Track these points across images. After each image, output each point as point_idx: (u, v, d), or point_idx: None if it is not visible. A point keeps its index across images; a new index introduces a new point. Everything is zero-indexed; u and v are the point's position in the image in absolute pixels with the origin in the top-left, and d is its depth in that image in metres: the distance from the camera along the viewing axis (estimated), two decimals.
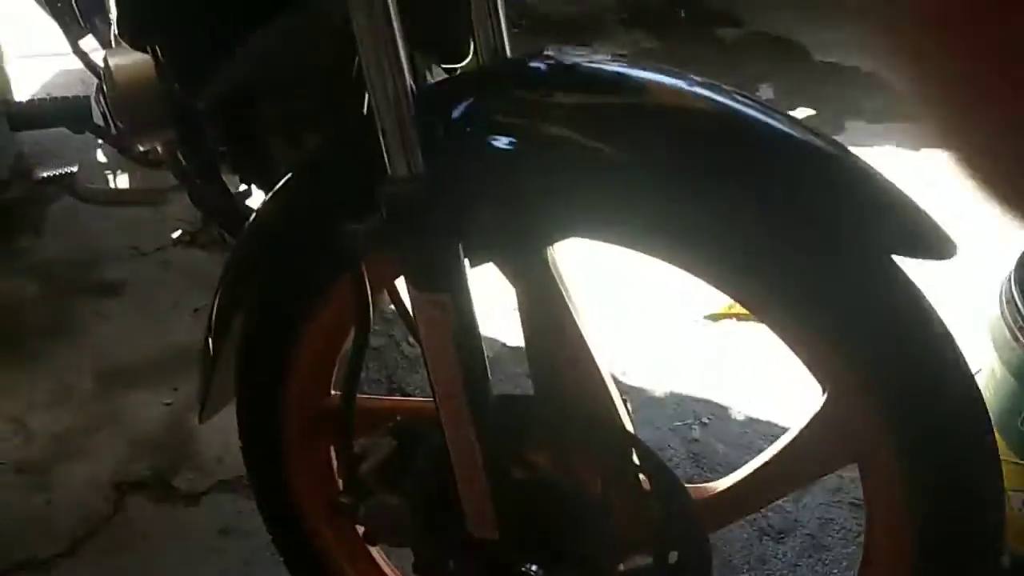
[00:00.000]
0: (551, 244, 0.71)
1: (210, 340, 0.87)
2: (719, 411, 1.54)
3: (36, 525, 1.31)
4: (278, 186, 0.80)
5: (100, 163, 2.05)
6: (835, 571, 1.27)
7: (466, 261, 0.67)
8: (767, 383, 1.58)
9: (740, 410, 1.55)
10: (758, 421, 1.52)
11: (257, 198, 1.24)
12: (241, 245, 0.83)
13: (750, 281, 0.66)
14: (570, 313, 0.75)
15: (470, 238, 0.65)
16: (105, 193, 1.62)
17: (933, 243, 0.61)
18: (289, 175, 0.80)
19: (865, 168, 0.63)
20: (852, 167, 0.63)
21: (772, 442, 0.78)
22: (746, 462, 0.83)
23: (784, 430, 1.49)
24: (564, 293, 0.75)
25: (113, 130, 1.45)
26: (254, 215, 0.83)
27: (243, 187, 1.25)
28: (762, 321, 0.68)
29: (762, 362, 1.63)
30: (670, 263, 0.68)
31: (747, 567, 1.28)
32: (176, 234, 1.95)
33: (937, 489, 0.67)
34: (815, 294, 0.64)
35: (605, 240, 0.69)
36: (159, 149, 1.38)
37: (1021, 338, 1.05)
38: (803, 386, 1.58)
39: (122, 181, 1.94)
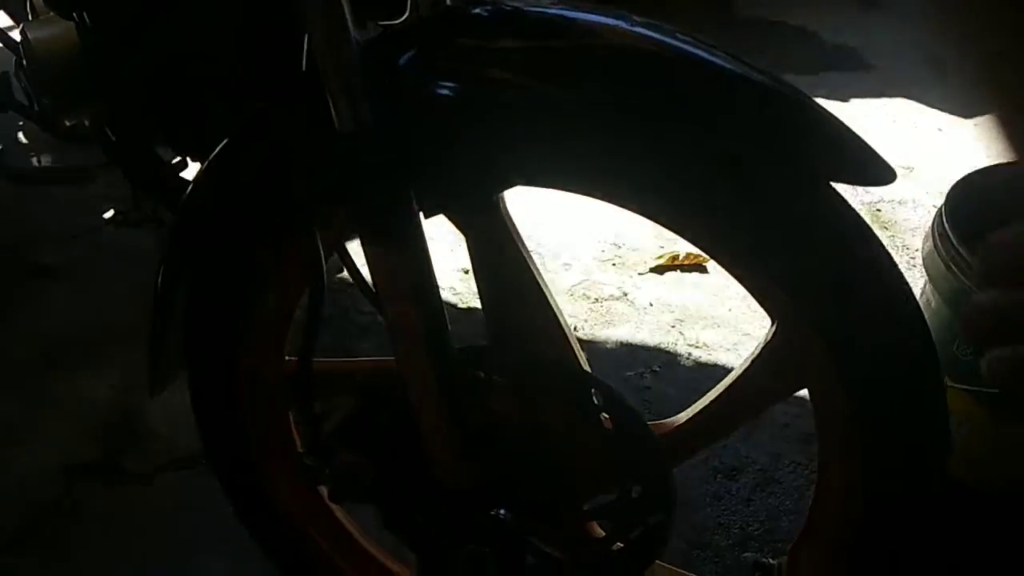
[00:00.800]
0: (501, 191, 0.71)
1: (157, 313, 0.85)
2: (669, 359, 1.58)
3: None
4: (216, 152, 0.78)
5: (24, 144, 1.96)
6: (787, 503, 1.32)
7: (419, 213, 0.67)
8: (713, 330, 1.63)
9: (689, 356, 1.58)
10: (707, 366, 1.56)
11: (193, 169, 1.20)
12: (182, 215, 0.81)
13: (697, 218, 0.67)
14: (524, 259, 0.76)
15: (422, 189, 0.65)
16: (34, 172, 1.56)
17: (871, 169, 0.63)
18: (227, 140, 0.78)
19: (803, 99, 0.64)
20: (790, 99, 0.64)
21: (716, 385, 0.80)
22: None
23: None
24: (516, 240, 0.75)
25: (36, 107, 1.39)
26: (193, 183, 0.81)
27: (177, 159, 1.21)
28: (711, 256, 0.70)
29: (707, 310, 1.67)
30: (618, 205, 0.69)
31: (703, 505, 1.32)
32: (109, 213, 1.89)
33: (885, 411, 0.70)
34: (759, 226, 0.66)
35: (553, 185, 0.70)
36: (86, 124, 1.33)
37: (954, 268, 1.09)
38: (749, 329, 1.63)
39: (49, 160, 1.87)
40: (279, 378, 0.92)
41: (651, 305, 1.69)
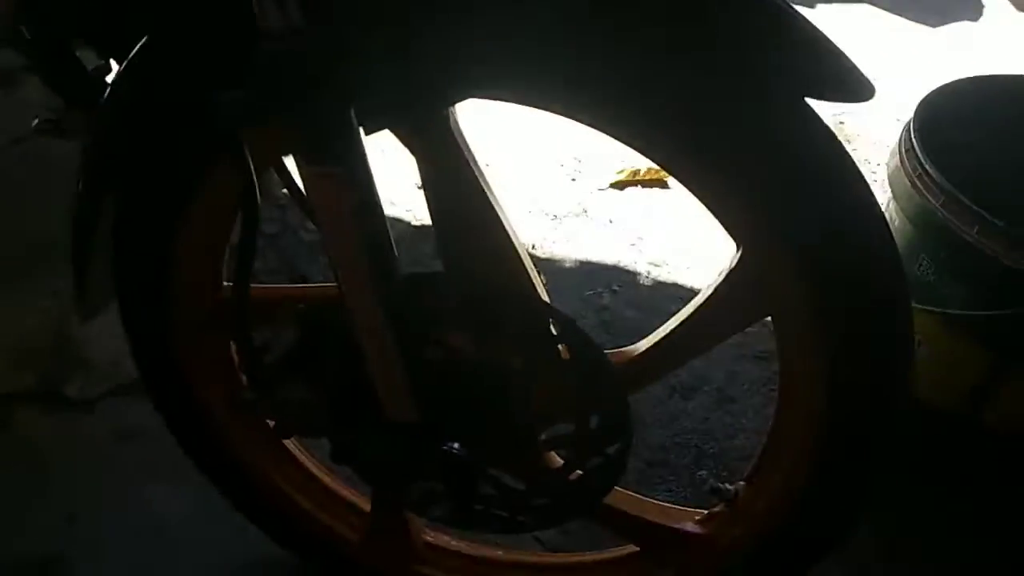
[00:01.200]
0: (451, 104, 0.65)
1: (76, 233, 0.78)
2: (628, 278, 1.55)
3: None
4: (132, 54, 0.71)
5: None
6: (743, 420, 1.33)
7: (360, 129, 0.60)
8: (673, 248, 1.60)
9: (649, 275, 1.56)
10: (667, 285, 1.54)
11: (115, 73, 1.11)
12: (98, 125, 0.73)
13: (661, 133, 0.62)
14: (476, 179, 0.70)
15: (362, 100, 0.59)
16: None
17: (849, 84, 0.59)
18: (144, 40, 0.70)
19: (779, 8, 0.59)
20: (765, 7, 0.59)
21: (681, 305, 0.77)
22: (657, 326, 0.83)
23: (692, 292, 1.51)
24: (468, 158, 0.70)
25: None
26: (108, 90, 0.73)
27: (100, 63, 1.12)
28: (674, 176, 0.65)
29: (668, 228, 1.63)
30: (576, 119, 0.64)
31: (659, 424, 1.32)
32: (35, 122, 1.76)
33: (850, 335, 0.67)
34: (727, 143, 0.61)
35: (506, 97, 0.64)
36: None
37: (919, 186, 1.07)
38: (709, 248, 1.60)
39: None
40: (217, 307, 0.86)
41: (610, 223, 1.65)
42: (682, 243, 1.60)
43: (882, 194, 1.18)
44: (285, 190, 1.59)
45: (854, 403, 0.72)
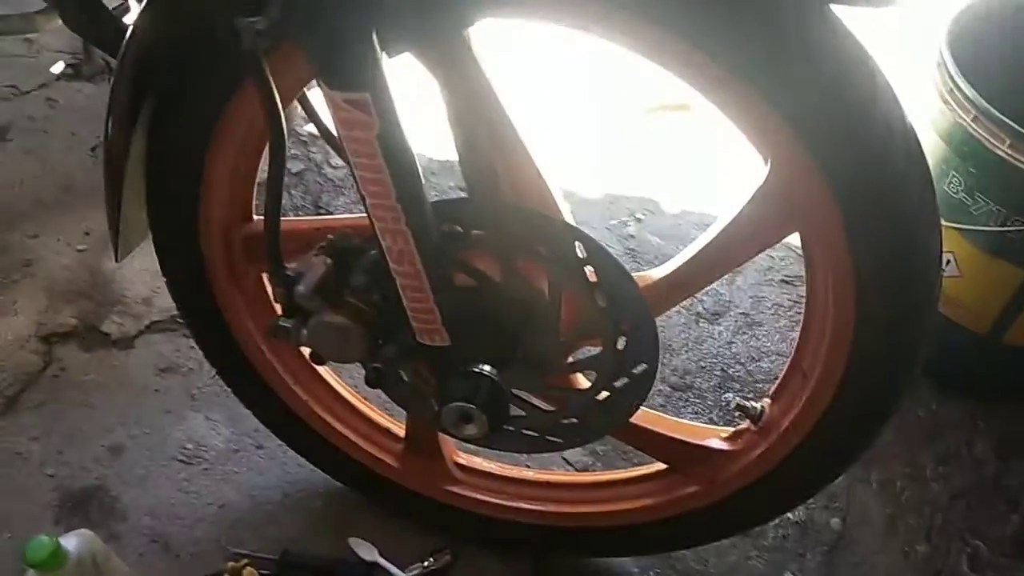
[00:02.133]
0: (471, 24, 0.65)
1: (108, 173, 0.79)
2: (652, 206, 1.54)
3: None
4: None
5: None
6: (768, 344, 1.33)
7: (382, 54, 0.60)
8: (698, 176, 1.58)
9: (673, 204, 1.55)
10: (691, 213, 1.53)
11: (136, 12, 1.11)
12: (124, 63, 0.73)
13: (689, 49, 0.61)
14: (499, 103, 0.70)
15: (383, 23, 0.58)
16: None
17: None
18: None
19: None
20: None
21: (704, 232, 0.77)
22: None
23: (716, 219, 1.51)
24: (490, 82, 0.69)
25: None
26: (132, 27, 0.73)
27: (119, 1, 1.11)
28: (701, 91, 0.65)
29: (692, 157, 1.62)
30: (598, 35, 0.63)
31: (685, 349, 1.33)
32: (57, 67, 1.77)
33: (882, 248, 0.67)
34: (754, 54, 0.60)
35: (528, 17, 0.63)
36: None
37: (950, 101, 1.04)
38: (732, 177, 1.59)
39: None
40: (248, 239, 0.88)
41: (635, 151, 1.63)
42: (706, 172, 1.59)
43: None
44: (308, 127, 1.60)
45: (880, 319, 0.72)
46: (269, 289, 0.94)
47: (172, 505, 1.14)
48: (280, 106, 0.66)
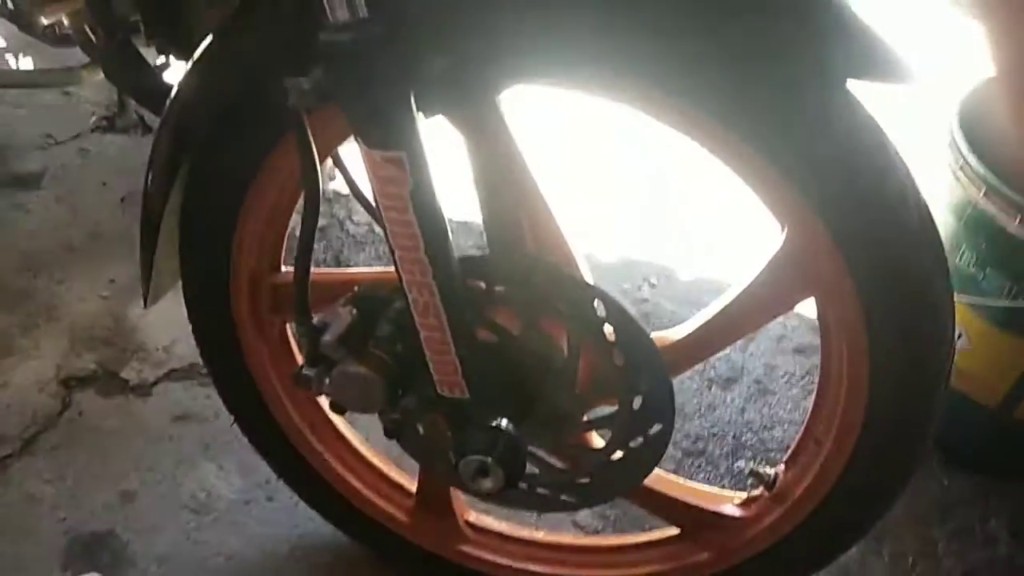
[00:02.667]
0: (502, 91, 0.68)
1: (145, 223, 0.82)
2: (666, 271, 1.57)
3: None
4: (201, 50, 0.75)
5: (0, 46, 1.88)
6: (780, 412, 1.34)
7: (419, 114, 0.64)
8: (711, 242, 1.61)
9: (686, 269, 1.57)
10: (705, 280, 1.55)
11: (176, 70, 1.16)
12: (168, 119, 0.77)
13: (706, 117, 0.64)
14: (525, 164, 0.73)
15: (421, 87, 0.62)
16: (11, 76, 1.49)
17: (890, 67, 0.60)
18: (212, 36, 0.74)
19: None
20: None
21: (719, 297, 0.79)
22: None
23: (730, 285, 1.53)
24: (517, 143, 0.73)
25: (10, 4, 1.32)
26: (177, 85, 0.77)
27: (161, 59, 1.16)
28: (720, 158, 0.67)
29: (705, 221, 1.65)
30: (624, 103, 0.66)
31: (697, 415, 1.33)
32: (92, 119, 1.83)
33: (895, 318, 0.69)
34: (772, 125, 0.63)
35: (557, 83, 0.67)
36: (65, 22, 1.27)
37: (961, 177, 1.07)
38: (746, 240, 1.61)
39: (27, 63, 1.79)
40: (275, 289, 0.90)
41: (649, 217, 1.67)
42: (720, 236, 1.61)
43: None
44: (331, 185, 1.64)
45: (895, 387, 0.73)
46: (292, 339, 0.96)
47: (181, 555, 1.14)
48: (318, 162, 0.69)
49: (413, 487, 1.03)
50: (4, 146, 1.76)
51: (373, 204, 0.69)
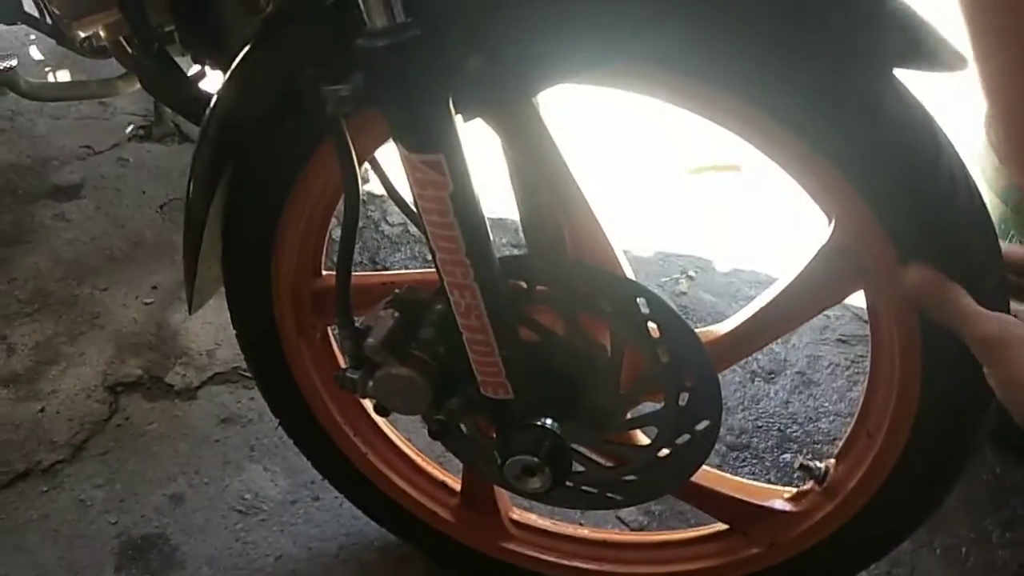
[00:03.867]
0: (540, 91, 0.67)
1: (188, 230, 0.83)
2: (704, 264, 1.55)
3: (33, 435, 1.30)
4: (239, 59, 0.75)
5: (37, 60, 1.92)
6: (826, 404, 1.32)
7: (457, 117, 0.63)
8: (749, 233, 1.59)
9: (725, 261, 1.56)
10: (743, 271, 1.54)
11: (213, 79, 1.17)
12: (207, 129, 0.78)
13: (753, 109, 0.63)
14: (564, 163, 0.73)
15: (459, 89, 0.62)
16: (51, 88, 1.52)
17: (939, 55, 0.59)
18: (249, 45, 0.75)
19: None
20: None
21: (759, 289, 0.78)
22: (734, 310, 0.84)
23: (769, 277, 1.51)
24: (555, 142, 0.72)
25: (48, 19, 1.35)
26: (216, 94, 0.77)
27: (196, 68, 1.18)
28: (764, 152, 0.66)
29: (744, 213, 1.63)
30: (663, 99, 0.65)
31: (741, 408, 1.32)
32: (129, 129, 1.86)
33: None
34: (819, 114, 0.62)
35: (596, 81, 0.66)
36: (101, 35, 1.29)
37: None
38: (786, 232, 1.59)
39: (64, 76, 1.83)
40: (317, 293, 0.91)
41: (687, 209, 1.65)
42: (757, 229, 1.59)
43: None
44: (365, 187, 1.64)
45: (949, 376, 0.71)
46: (335, 342, 0.96)
47: (230, 555, 1.15)
48: (357, 167, 0.69)
49: (457, 485, 1.03)
50: (44, 158, 1.80)
51: (412, 207, 0.69)
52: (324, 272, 0.91)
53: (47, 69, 1.90)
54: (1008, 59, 0.86)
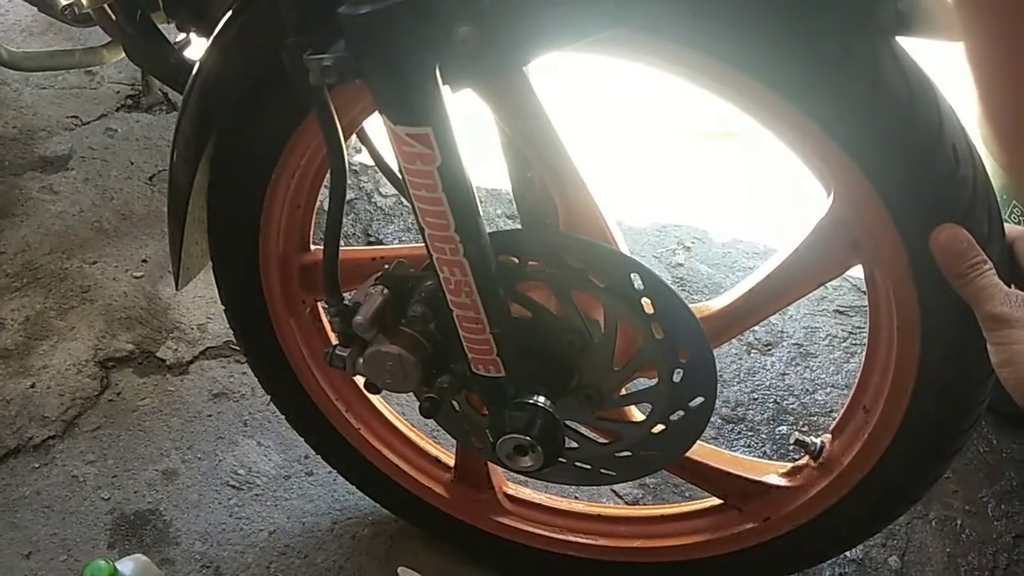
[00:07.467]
0: (531, 61, 0.65)
1: (172, 204, 0.81)
2: (700, 235, 1.53)
3: (24, 410, 1.29)
4: (221, 25, 0.73)
5: (21, 28, 1.88)
6: (822, 376, 1.31)
7: (445, 88, 0.61)
8: (746, 204, 1.57)
9: (721, 232, 1.54)
10: (739, 241, 1.52)
11: (197, 47, 1.14)
12: (189, 98, 0.76)
13: (751, 79, 0.61)
14: (555, 135, 0.71)
15: (446, 59, 0.59)
16: (33, 57, 1.48)
17: (940, 22, 0.57)
18: (231, 11, 0.72)
19: None
20: None
21: (756, 260, 0.77)
22: (731, 282, 0.82)
23: (765, 248, 1.49)
24: (547, 114, 0.70)
25: None
26: (198, 63, 0.75)
27: (181, 36, 1.15)
28: (762, 123, 0.64)
29: (741, 183, 1.61)
30: (668, 72, 0.63)
31: (737, 380, 1.31)
32: (117, 99, 1.83)
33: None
34: (818, 84, 0.60)
35: (587, 49, 0.64)
36: (84, 1, 1.26)
37: None
38: (783, 202, 1.57)
39: (49, 44, 1.79)
40: (305, 268, 0.89)
41: (682, 180, 1.63)
42: (755, 199, 1.57)
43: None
44: (358, 157, 1.62)
45: (947, 350, 0.70)
46: (324, 318, 0.95)
47: (223, 531, 1.15)
48: (342, 139, 0.67)
49: (451, 460, 1.02)
50: (31, 129, 1.77)
51: (401, 180, 0.67)
52: (313, 247, 0.89)
53: (30, 37, 1.86)
54: (989, 31, 0.84)
